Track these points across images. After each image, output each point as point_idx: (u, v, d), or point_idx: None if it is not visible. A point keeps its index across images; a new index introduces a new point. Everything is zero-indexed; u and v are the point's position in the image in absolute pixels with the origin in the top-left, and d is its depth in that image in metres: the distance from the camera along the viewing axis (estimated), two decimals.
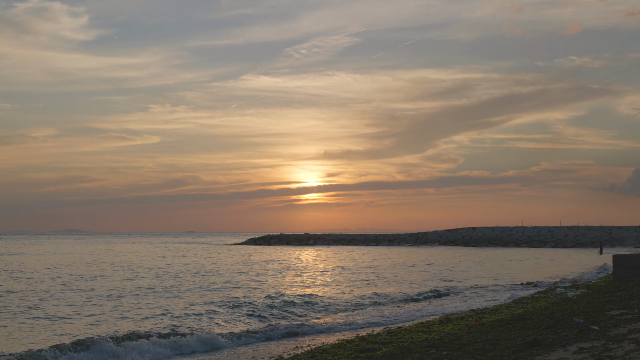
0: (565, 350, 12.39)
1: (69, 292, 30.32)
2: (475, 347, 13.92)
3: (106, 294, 29.44)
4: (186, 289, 32.40)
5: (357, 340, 16.59)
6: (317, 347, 16.32)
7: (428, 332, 17.29)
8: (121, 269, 48.24)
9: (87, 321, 21.24)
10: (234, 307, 24.43)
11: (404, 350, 14.38)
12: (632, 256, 29.71)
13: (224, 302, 26.19)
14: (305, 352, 15.46)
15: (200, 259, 65.77)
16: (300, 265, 55.63)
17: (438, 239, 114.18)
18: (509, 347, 13.52)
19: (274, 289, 32.73)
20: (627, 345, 12.27)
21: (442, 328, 17.96)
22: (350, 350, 15.00)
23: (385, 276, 41.36)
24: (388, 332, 17.74)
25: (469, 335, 15.95)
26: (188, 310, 23.67)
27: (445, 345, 14.50)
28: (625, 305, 19.26)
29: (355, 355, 14.41)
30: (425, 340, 15.70)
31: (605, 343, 12.72)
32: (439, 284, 35.27)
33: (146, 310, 23.96)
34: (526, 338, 14.33)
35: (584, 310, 18.90)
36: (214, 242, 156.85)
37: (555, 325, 16.14)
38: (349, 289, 32.94)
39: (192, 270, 46.57)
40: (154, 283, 35.57)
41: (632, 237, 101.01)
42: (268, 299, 26.89)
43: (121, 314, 23.04)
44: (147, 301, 26.91)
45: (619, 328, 14.69)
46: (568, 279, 37.22)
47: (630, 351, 11.70)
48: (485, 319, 19.52)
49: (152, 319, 21.70)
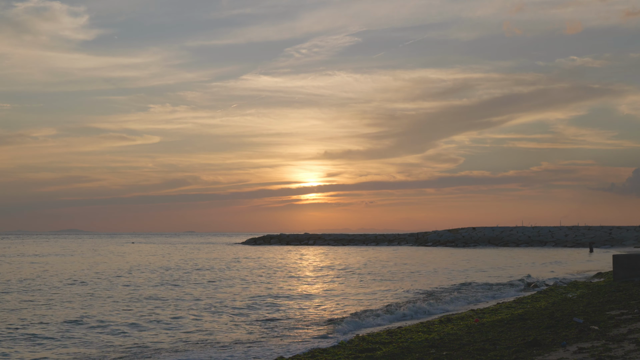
0: (565, 350, 12.39)
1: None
2: (475, 347, 13.92)
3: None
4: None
5: (357, 340, 16.60)
6: (318, 347, 16.32)
7: (428, 332, 17.30)
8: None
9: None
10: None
11: (404, 350, 14.39)
12: (632, 256, 29.72)
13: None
14: (306, 352, 15.47)
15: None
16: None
17: (438, 239, 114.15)
18: (509, 347, 13.53)
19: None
20: (627, 345, 12.27)
21: (442, 328, 17.97)
22: (350, 350, 15.00)
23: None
24: (388, 332, 17.75)
25: (469, 335, 15.96)
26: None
27: (445, 345, 14.50)
28: (625, 305, 19.26)
29: (355, 355, 14.41)
30: (425, 340, 15.71)
31: (605, 343, 12.72)
32: (422, 288, 35.13)
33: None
34: (526, 338, 14.33)
35: (584, 310, 18.90)
36: (217, 242, 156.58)
37: (555, 325, 16.14)
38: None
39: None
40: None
41: (632, 237, 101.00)
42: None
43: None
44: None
45: (619, 328, 14.69)
46: (568, 279, 37.22)
47: (630, 351, 11.70)
48: (485, 319, 19.52)
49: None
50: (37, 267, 50.38)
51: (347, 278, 40.17)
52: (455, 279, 38.52)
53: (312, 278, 40.45)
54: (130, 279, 39.01)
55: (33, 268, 49.38)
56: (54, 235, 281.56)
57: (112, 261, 61.16)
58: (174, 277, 40.04)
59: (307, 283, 36.81)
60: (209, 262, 60.18)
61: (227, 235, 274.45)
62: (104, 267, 51.49)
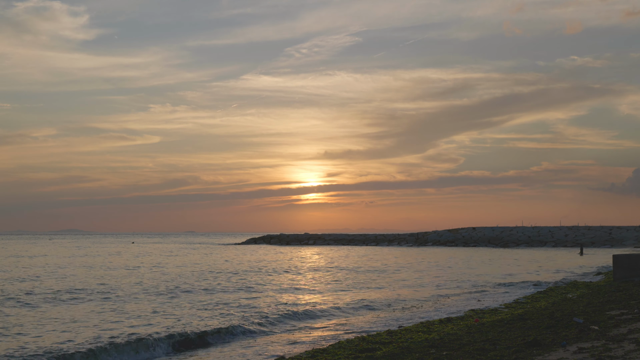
0: (565, 350, 12.40)
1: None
2: (475, 347, 13.93)
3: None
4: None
5: (357, 340, 16.61)
6: (318, 348, 16.33)
7: (428, 332, 17.31)
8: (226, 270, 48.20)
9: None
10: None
11: (404, 350, 14.40)
12: (632, 256, 29.73)
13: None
14: (306, 352, 15.48)
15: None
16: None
17: (438, 239, 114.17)
18: (509, 347, 13.53)
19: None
20: (627, 345, 12.28)
21: (442, 328, 17.99)
22: (350, 350, 15.01)
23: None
24: (388, 332, 17.76)
25: (469, 335, 15.97)
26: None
27: (445, 345, 14.51)
28: (625, 305, 19.27)
29: (355, 355, 14.42)
30: (425, 340, 15.72)
31: (605, 343, 12.73)
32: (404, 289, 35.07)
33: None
34: (526, 338, 14.34)
35: (584, 310, 18.91)
36: (219, 242, 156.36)
37: (555, 325, 16.15)
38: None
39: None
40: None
41: (632, 237, 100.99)
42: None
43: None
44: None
45: (619, 328, 14.69)
46: (568, 278, 37.23)
47: (630, 351, 11.70)
48: (485, 319, 19.54)
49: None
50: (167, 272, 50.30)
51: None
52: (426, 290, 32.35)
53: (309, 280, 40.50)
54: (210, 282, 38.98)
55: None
56: (56, 235, 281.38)
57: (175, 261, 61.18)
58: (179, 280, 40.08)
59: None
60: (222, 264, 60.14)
61: (228, 236, 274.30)
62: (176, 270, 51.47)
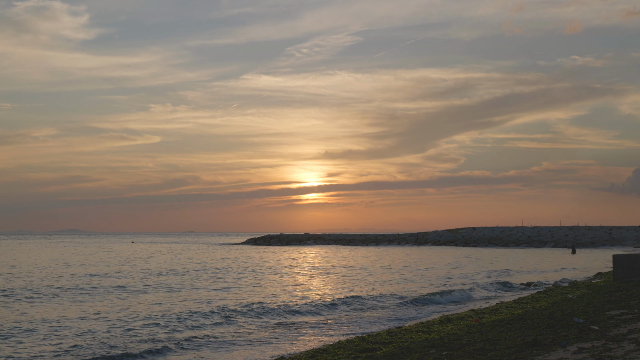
0: (565, 350, 12.40)
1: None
2: (475, 347, 13.93)
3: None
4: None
5: (357, 340, 16.61)
6: (318, 347, 16.33)
7: (428, 332, 17.31)
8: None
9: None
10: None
11: (404, 350, 14.40)
12: (632, 256, 29.72)
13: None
14: (306, 352, 15.49)
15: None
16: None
17: (438, 239, 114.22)
18: (509, 347, 13.53)
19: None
20: (627, 345, 12.28)
21: (442, 328, 17.98)
22: (350, 350, 15.01)
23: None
24: (388, 332, 17.76)
25: (469, 335, 15.97)
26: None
27: (445, 345, 14.51)
28: (625, 305, 19.27)
29: (355, 355, 14.43)
30: (425, 340, 15.72)
31: (605, 343, 12.73)
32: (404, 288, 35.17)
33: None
34: (526, 338, 14.34)
35: (584, 310, 18.91)
36: (220, 242, 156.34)
37: (555, 325, 16.15)
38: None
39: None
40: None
41: (632, 237, 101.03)
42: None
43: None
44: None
45: (619, 328, 14.69)
46: (568, 279, 37.23)
47: (630, 351, 11.71)
48: (485, 319, 19.54)
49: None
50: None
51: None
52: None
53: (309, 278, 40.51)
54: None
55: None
56: (57, 235, 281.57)
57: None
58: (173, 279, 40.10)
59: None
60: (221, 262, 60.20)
61: (228, 236, 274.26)
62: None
